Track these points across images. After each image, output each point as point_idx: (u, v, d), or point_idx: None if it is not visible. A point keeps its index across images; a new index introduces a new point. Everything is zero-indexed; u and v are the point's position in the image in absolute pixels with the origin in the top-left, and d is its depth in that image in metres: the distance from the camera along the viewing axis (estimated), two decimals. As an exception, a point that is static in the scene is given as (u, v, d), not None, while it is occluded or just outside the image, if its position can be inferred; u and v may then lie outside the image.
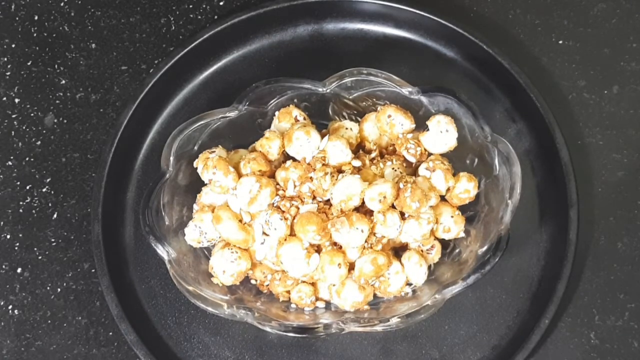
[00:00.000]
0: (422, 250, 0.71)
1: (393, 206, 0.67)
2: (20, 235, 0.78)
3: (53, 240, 0.78)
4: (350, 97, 0.74)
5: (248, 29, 0.80)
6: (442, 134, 0.70)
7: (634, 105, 0.79)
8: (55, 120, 0.81)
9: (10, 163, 0.80)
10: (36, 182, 0.79)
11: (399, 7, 0.78)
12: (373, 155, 0.72)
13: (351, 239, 0.67)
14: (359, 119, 0.74)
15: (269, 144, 0.71)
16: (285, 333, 0.68)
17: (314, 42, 0.81)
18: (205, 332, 0.75)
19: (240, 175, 0.69)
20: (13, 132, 0.80)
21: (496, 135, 0.70)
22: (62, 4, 0.84)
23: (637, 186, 0.78)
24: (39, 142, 0.80)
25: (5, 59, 0.82)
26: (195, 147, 0.72)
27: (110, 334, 0.76)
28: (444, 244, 0.72)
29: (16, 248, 0.78)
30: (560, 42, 0.81)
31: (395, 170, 0.70)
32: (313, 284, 0.70)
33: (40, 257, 0.78)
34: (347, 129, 0.72)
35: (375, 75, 0.72)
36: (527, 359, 0.72)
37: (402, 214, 0.68)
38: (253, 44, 0.81)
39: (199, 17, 0.83)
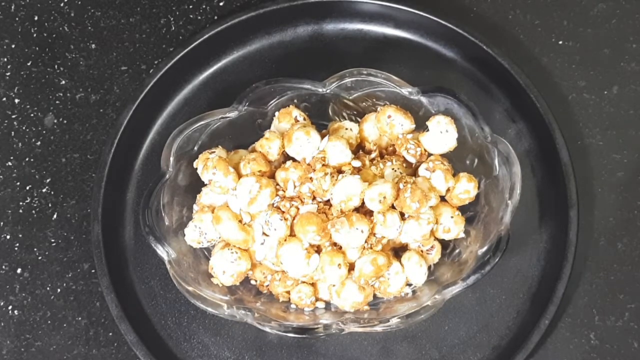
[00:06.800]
0: (422, 251, 0.71)
1: (393, 206, 0.67)
2: (20, 235, 0.78)
3: (53, 240, 0.78)
4: (350, 97, 0.74)
5: (248, 30, 0.80)
6: (442, 134, 0.70)
7: (634, 106, 0.79)
8: (55, 121, 0.81)
9: (10, 163, 0.80)
10: (36, 182, 0.79)
11: (399, 7, 0.78)
12: (373, 155, 0.72)
13: (351, 240, 0.67)
14: (359, 119, 0.74)
15: (269, 145, 0.71)
16: (285, 333, 0.68)
17: (314, 43, 0.81)
18: (205, 332, 0.75)
19: (240, 176, 0.69)
20: (13, 133, 0.80)
21: (496, 135, 0.70)
22: (62, 4, 0.83)
23: (637, 186, 0.78)
24: (38, 143, 0.80)
25: (5, 59, 0.82)
26: (195, 148, 0.72)
27: (110, 334, 0.76)
28: (444, 244, 0.72)
29: (16, 248, 0.78)
30: (560, 42, 0.81)
31: (395, 171, 0.70)
32: (313, 285, 0.70)
33: (40, 258, 0.77)
34: (347, 129, 0.72)
35: (375, 76, 0.72)
36: (527, 359, 0.72)
37: (402, 215, 0.68)
38: (253, 44, 0.81)
39: (199, 17, 0.83)
